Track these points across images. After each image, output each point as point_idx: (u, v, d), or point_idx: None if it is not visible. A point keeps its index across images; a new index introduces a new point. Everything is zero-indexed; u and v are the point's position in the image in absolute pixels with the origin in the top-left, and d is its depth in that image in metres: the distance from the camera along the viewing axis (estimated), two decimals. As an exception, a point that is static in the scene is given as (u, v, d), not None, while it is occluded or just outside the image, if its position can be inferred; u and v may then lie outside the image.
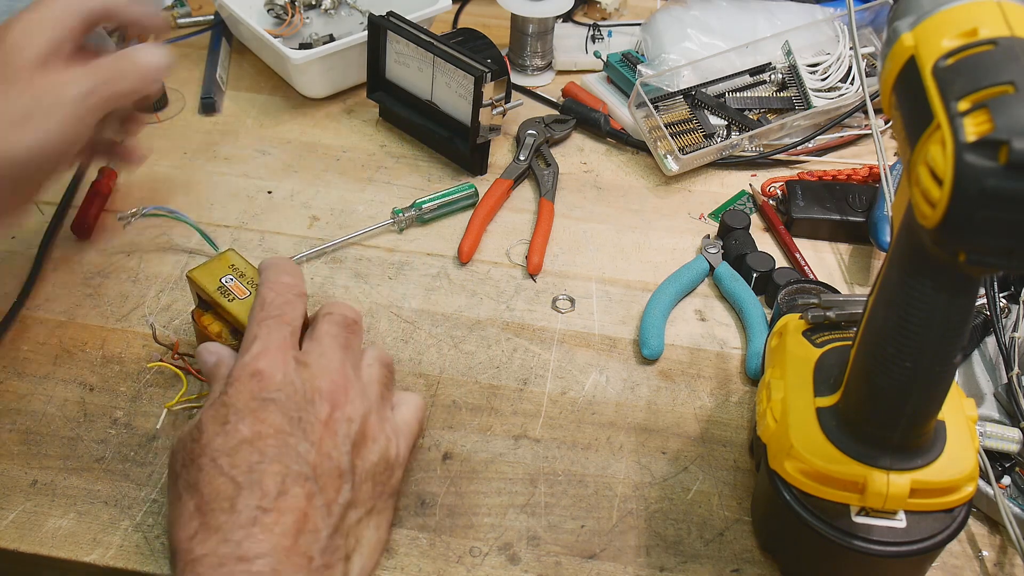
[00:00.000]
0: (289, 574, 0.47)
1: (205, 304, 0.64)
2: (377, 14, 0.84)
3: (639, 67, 0.90)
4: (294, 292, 0.58)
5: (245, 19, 0.90)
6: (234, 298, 0.62)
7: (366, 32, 0.85)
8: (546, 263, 0.78)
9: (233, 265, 0.64)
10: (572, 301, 0.75)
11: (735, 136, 0.86)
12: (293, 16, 0.95)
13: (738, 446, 0.65)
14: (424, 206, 0.79)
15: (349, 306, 0.60)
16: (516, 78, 0.97)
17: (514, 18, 0.94)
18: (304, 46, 0.93)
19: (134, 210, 0.74)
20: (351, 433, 0.53)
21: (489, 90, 0.80)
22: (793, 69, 0.90)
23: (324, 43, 0.92)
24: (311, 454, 0.51)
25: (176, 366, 0.66)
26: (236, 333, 0.62)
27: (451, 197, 0.81)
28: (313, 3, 0.97)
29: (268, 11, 0.96)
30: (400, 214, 0.79)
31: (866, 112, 0.83)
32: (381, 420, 0.56)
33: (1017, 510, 0.58)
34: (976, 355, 0.67)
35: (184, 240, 0.77)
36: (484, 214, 0.80)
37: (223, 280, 0.63)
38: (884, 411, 0.49)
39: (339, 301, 0.61)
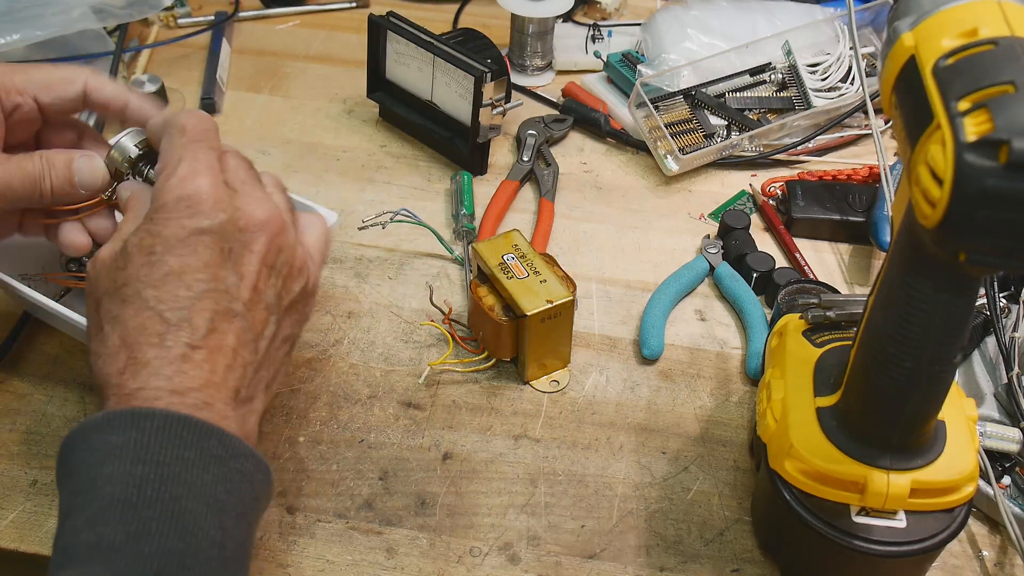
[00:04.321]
0: (219, 406, 0.47)
1: (483, 276, 0.67)
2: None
3: (639, 67, 0.90)
4: (212, 123, 0.54)
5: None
6: (513, 276, 0.65)
7: None
8: (546, 263, 0.78)
9: (516, 245, 0.67)
10: (572, 301, 0.75)
11: (735, 136, 0.86)
12: None
13: (738, 446, 0.65)
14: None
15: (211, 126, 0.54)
16: (516, 78, 0.97)
17: (514, 18, 0.94)
18: None
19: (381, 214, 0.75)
20: (282, 266, 0.52)
21: (489, 90, 0.80)
22: (793, 69, 0.90)
23: None
24: (243, 289, 0.49)
25: (444, 329, 0.70)
26: (508, 309, 0.65)
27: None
28: None
29: (69, 263, 0.71)
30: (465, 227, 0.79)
31: (866, 112, 0.83)
32: (304, 250, 0.54)
33: (1017, 510, 0.58)
34: (976, 355, 0.67)
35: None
36: (495, 215, 0.80)
37: (505, 257, 0.66)
38: (884, 411, 0.49)
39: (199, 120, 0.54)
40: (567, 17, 1.03)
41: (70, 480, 0.45)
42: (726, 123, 0.87)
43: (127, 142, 0.58)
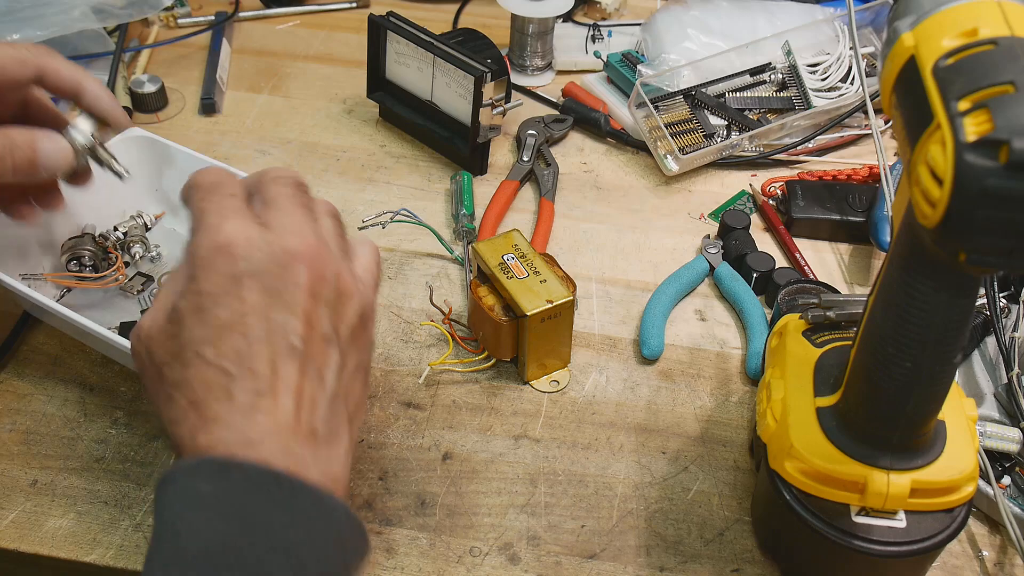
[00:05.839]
0: (299, 451, 0.46)
1: (483, 276, 0.67)
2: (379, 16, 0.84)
3: (639, 67, 0.90)
4: (227, 173, 0.53)
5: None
6: (512, 276, 0.65)
7: None
8: (546, 263, 0.78)
9: (516, 245, 0.67)
10: (572, 301, 0.75)
11: (735, 136, 0.86)
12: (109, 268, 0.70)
13: (738, 446, 0.65)
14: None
15: (294, 171, 0.55)
16: (516, 78, 0.97)
17: (514, 18, 0.94)
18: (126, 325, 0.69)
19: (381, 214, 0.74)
20: (331, 296, 0.51)
21: (489, 90, 0.80)
22: (793, 69, 0.90)
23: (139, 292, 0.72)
24: (296, 326, 0.48)
25: (444, 329, 0.70)
26: (508, 309, 0.65)
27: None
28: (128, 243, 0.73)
29: (69, 263, 0.71)
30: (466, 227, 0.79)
31: (866, 112, 0.83)
32: (351, 274, 0.53)
33: (1017, 510, 0.58)
34: (976, 355, 0.67)
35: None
36: (495, 215, 0.80)
37: (505, 257, 0.66)
38: (884, 411, 0.49)
39: (280, 167, 0.54)
40: (567, 17, 1.03)
41: (156, 521, 0.44)
42: (726, 123, 0.87)
43: (82, 127, 0.58)
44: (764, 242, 0.80)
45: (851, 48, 0.90)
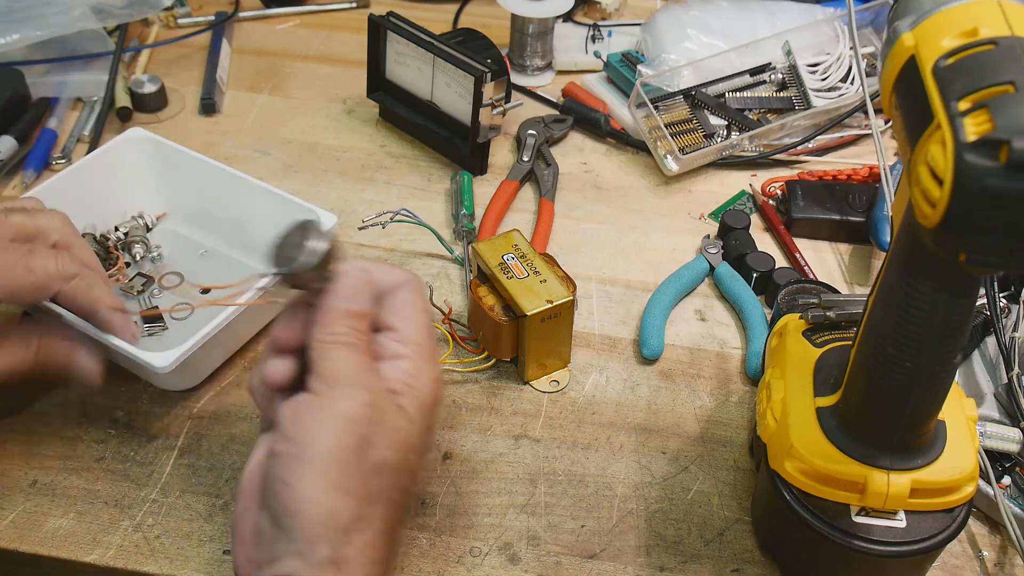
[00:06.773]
0: None
1: (483, 276, 0.67)
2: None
3: (639, 67, 0.90)
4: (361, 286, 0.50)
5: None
6: (512, 276, 0.65)
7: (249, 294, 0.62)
8: (546, 263, 0.78)
9: (516, 245, 0.67)
10: (572, 301, 0.75)
11: (735, 136, 0.86)
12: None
13: (738, 446, 0.65)
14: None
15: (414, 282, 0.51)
16: (516, 78, 0.97)
17: (514, 18, 0.94)
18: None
19: (380, 214, 0.74)
20: None
21: (489, 90, 0.80)
22: (793, 69, 0.90)
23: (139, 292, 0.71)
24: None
25: (444, 329, 0.70)
26: (508, 309, 0.65)
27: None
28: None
29: None
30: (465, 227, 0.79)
31: (866, 112, 0.83)
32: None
33: (1017, 510, 0.58)
34: (976, 355, 0.67)
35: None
36: (495, 216, 0.80)
37: (505, 257, 0.66)
38: (884, 411, 0.49)
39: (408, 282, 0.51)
40: (567, 17, 1.03)
41: None
42: (726, 123, 0.87)
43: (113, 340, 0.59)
44: (764, 242, 0.80)
45: (851, 48, 0.90)
